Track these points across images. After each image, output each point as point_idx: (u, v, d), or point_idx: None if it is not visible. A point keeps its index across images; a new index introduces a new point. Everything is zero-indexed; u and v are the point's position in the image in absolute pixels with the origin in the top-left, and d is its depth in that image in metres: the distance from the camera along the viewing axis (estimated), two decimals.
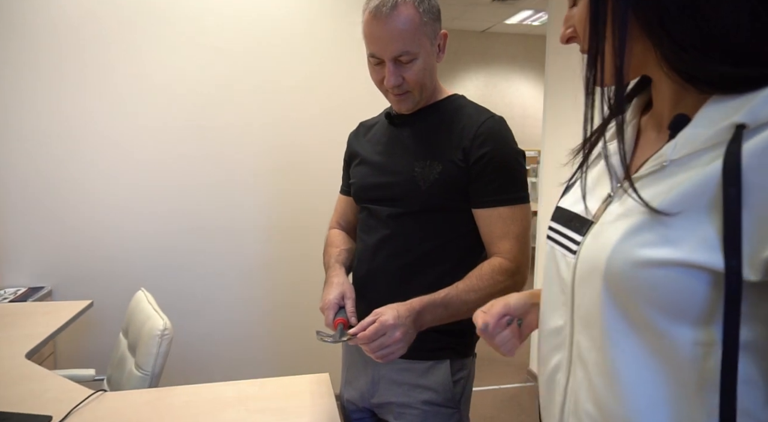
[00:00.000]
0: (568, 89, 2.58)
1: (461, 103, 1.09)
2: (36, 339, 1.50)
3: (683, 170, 0.47)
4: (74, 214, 2.20)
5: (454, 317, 0.96)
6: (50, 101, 2.14)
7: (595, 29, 0.50)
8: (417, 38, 0.97)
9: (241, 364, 2.45)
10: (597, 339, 0.52)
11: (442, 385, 1.05)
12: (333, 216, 1.31)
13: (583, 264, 0.55)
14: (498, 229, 1.00)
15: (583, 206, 0.59)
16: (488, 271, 0.98)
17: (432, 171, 1.01)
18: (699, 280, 0.45)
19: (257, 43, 2.31)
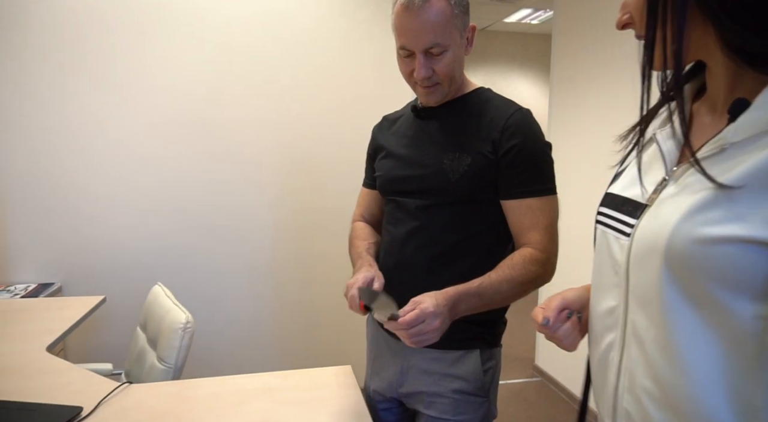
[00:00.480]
0: (574, 87, 2.60)
1: (488, 96, 1.10)
2: (54, 333, 1.50)
3: (744, 152, 0.49)
4: (82, 210, 2.20)
5: (487, 306, 0.98)
6: (56, 98, 2.13)
7: (654, 14, 0.52)
8: (448, 30, 0.98)
9: (255, 359, 2.45)
10: (655, 316, 0.54)
11: (472, 374, 1.07)
12: (356, 209, 1.32)
13: (639, 245, 0.56)
14: (527, 220, 1.01)
15: (635, 191, 0.61)
16: (519, 261, 0.99)
17: (461, 163, 1.02)
18: (761, 256, 0.46)
19: (265, 40, 2.32)
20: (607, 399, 0.62)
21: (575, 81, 2.59)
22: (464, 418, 1.06)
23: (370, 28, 2.40)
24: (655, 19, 0.52)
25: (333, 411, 1.10)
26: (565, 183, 2.73)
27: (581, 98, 2.54)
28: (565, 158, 2.69)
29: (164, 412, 1.09)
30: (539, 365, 2.98)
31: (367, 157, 1.28)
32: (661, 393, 0.54)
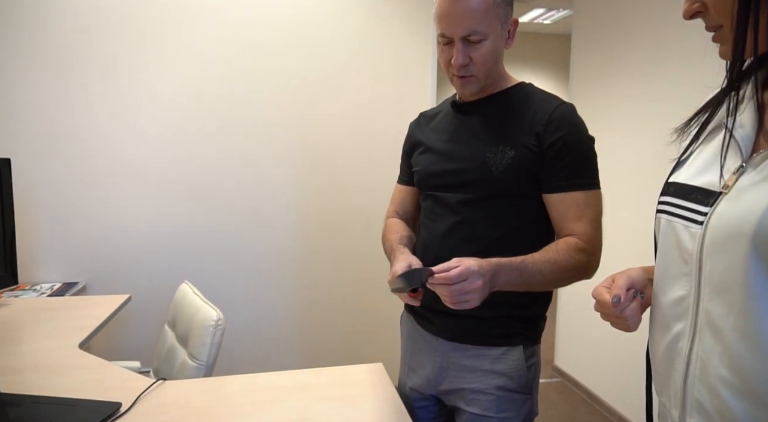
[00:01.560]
0: (594, 89, 2.59)
1: (530, 91, 1.09)
2: (85, 331, 1.51)
3: None
4: (105, 210, 2.21)
5: (527, 284, 0.96)
6: (82, 99, 2.15)
7: (746, 6, 0.51)
8: (488, 19, 0.98)
9: (280, 358, 2.46)
10: (737, 303, 0.53)
11: (516, 371, 1.06)
12: (390, 206, 1.31)
13: (716, 232, 0.56)
14: (572, 213, 1.00)
15: (706, 179, 0.60)
16: (564, 247, 0.98)
17: (504, 156, 1.01)
18: None
19: (284, 40, 2.32)
20: (675, 390, 0.61)
21: (595, 81, 2.58)
22: (507, 415, 1.05)
23: (389, 26, 2.40)
24: (748, 8, 0.51)
25: (371, 408, 1.09)
26: None
27: (602, 99, 2.53)
28: None
29: (201, 408, 1.09)
30: (558, 365, 2.96)
31: (402, 153, 1.28)
32: (740, 382, 0.53)
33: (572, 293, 2.80)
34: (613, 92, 2.43)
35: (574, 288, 2.90)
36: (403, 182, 1.28)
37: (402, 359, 1.26)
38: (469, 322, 1.06)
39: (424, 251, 1.12)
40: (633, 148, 2.29)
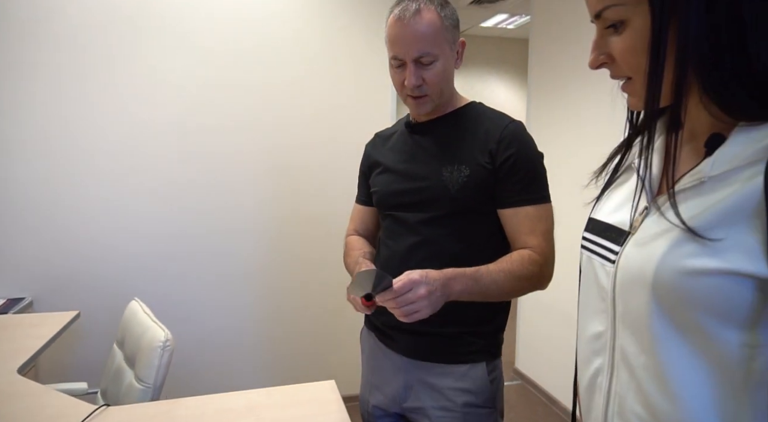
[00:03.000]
0: (551, 92, 2.64)
1: (481, 110, 1.13)
2: (26, 354, 1.45)
3: (722, 186, 0.50)
4: (54, 220, 2.13)
5: (484, 294, 0.98)
6: (34, 109, 2.06)
7: (658, 60, 0.52)
8: (438, 41, 1.01)
9: (239, 371, 2.42)
10: (645, 343, 0.55)
11: (480, 387, 1.08)
12: (349, 225, 1.33)
13: (625, 273, 0.57)
14: (525, 227, 1.03)
15: (618, 218, 0.62)
16: (518, 258, 1.01)
17: (460, 175, 1.04)
18: (745, 287, 0.48)
19: (245, 47, 2.29)
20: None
21: (552, 86, 2.63)
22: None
23: (348, 36, 2.40)
24: (662, 65, 0.52)
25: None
26: None
27: (558, 103, 2.58)
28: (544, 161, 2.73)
29: None
30: (519, 368, 3.02)
31: (360, 174, 1.29)
32: (652, 418, 0.55)
33: (533, 298, 2.86)
34: (570, 95, 2.48)
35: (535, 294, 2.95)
36: (361, 202, 1.29)
37: (363, 375, 1.26)
38: (432, 340, 1.09)
39: (385, 269, 1.10)
40: (589, 147, 2.35)
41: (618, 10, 0.55)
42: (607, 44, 0.58)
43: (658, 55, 0.52)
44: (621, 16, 0.55)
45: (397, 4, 1.04)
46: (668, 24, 0.51)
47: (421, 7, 1.01)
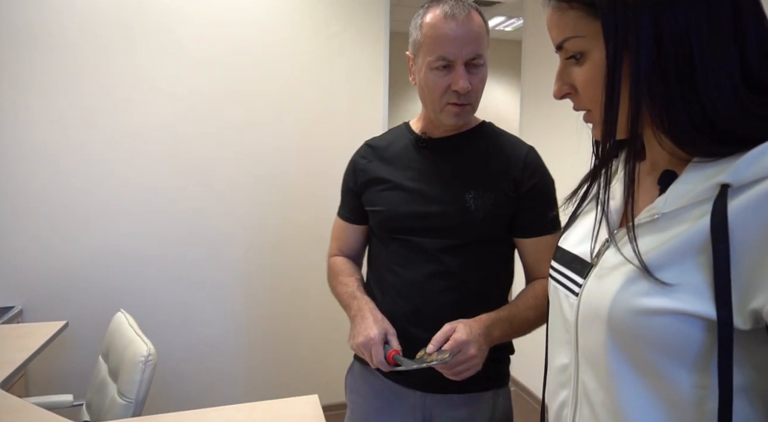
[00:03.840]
0: (545, 93, 2.63)
1: (495, 131, 1.09)
2: (10, 366, 1.44)
3: (675, 223, 0.50)
4: (44, 228, 2.12)
5: (516, 333, 0.99)
6: (28, 115, 2.06)
7: (611, 93, 0.52)
8: (485, 46, 0.98)
9: (226, 378, 2.41)
10: (603, 379, 0.54)
11: (506, 415, 1.07)
12: (333, 243, 1.22)
13: (585, 307, 0.57)
14: (546, 255, 0.98)
15: (582, 249, 0.61)
16: (541, 290, 0.99)
17: (486, 201, 0.99)
18: (694, 327, 0.47)
19: (243, 52, 2.28)
20: None
21: (545, 91, 2.62)
22: None
23: (341, 42, 2.39)
24: (617, 97, 0.52)
25: None
26: None
27: (551, 107, 2.57)
28: None
29: None
30: (514, 375, 3.01)
31: (346, 189, 1.18)
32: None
33: None
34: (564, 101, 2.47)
35: None
36: (346, 219, 1.18)
37: (358, 417, 1.14)
38: None
39: (400, 298, 1.04)
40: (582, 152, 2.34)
41: (578, 42, 0.55)
42: (570, 75, 0.58)
43: (613, 88, 0.52)
44: (581, 48, 0.55)
45: (438, 3, 0.97)
46: (622, 58, 0.51)
47: (469, 8, 0.96)
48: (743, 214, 0.45)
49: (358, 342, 0.92)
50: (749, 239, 0.44)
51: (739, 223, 0.45)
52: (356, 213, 1.15)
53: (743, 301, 0.45)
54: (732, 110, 0.47)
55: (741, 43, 0.47)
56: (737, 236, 0.45)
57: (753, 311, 0.45)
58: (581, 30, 0.54)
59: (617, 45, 0.50)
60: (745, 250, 0.45)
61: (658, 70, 0.49)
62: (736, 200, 0.46)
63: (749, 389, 0.48)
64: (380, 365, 0.91)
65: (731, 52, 0.47)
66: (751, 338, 0.46)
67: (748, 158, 0.46)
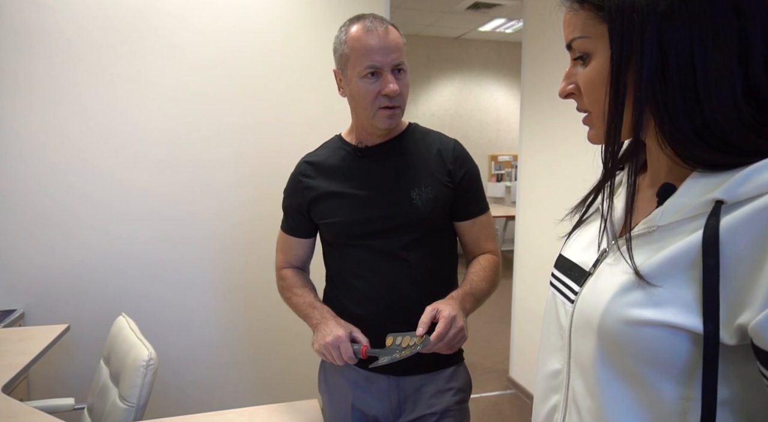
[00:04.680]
0: (544, 95, 2.64)
1: (422, 130, 1.20)
2: (12, 370, 1.45)
3: (670, 236, 0.51)
4: (46, 232, 2.13)
5: (479, 304, 1.10)
6: (26, 118, 2.07)
7: (618, 97, 0.53)
8: (405, 55, 1.08)
9: (224, 387, 2.42)
10: (591, 386, 0.55)
11: (467, 383, 1.21)
12: (279, 255, 1.30)
13: (579, 315, 0.58)
14: (483, 234, 1.18)
15: (582, 257, 0.62)
16: (487, 265, 1.15)
17: (430, 195, 1.10)
18: (681, 340, 0.48)
19: (242, 55, 2.29)
20: None
21: (545, 89, 2.63)
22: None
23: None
24: (621, 101, 0.53)
25: None
26: (534, 195, 2.78)
27: (551, 108, 2.57)
28: (536, 165, 2.72)
29: None
30: (513, 377, 3.01)
31: (291, 205, 1.24)
32: None
33: (527, 307, 2.85)
34: (564, 103, 2.47)
35: (528, 302, 2.92)
36: (291, 233, 1.26)
37: (339, 408, 1.21)
38: (422, 354, 1.11)
39: (370, 300, 1.12)
40: (581, 155, 2.34)
41: (584, 42, 0.56)
42: (576, 75, 0.58)
43: (617, 91, 0.52)
44: (587, 48, 0.56)
45: (354, 21, 1.08)
46: (628, 62, 0.51)
47: (384, 21, 1.07)
48: (734, 231, 0.45)
49: (327, 341, 1.02)
50: (739, 256, 0.45)
51: (730, 239, 0.45)
52: (302, 228, 1.25)
53: (731, 316, 0.45)
54: (731, 122, 0.48)
55: (745, 59, 0.48)
56: (727, 252, 0.45)
57: (739, 326, 0.45)
58: (589, 31, 0.55)
59: (622, 49, 0.51)
60: (735, 266, 0.45)
61: (660, 76, 0.50)
62: (728, 217, 0.46)
63: (733, 403, 0.48)
64: (350, 360, 1.01)
65: (733, 67, 0.48)
66: (737, 353, 0.47)
67: (741, 177, 0.46)
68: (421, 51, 6.11)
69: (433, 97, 6.21)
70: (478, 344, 3.55)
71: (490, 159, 6.56)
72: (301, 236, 1.26)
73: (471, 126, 6.42)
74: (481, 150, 6.47)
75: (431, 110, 6.19)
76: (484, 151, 6.51)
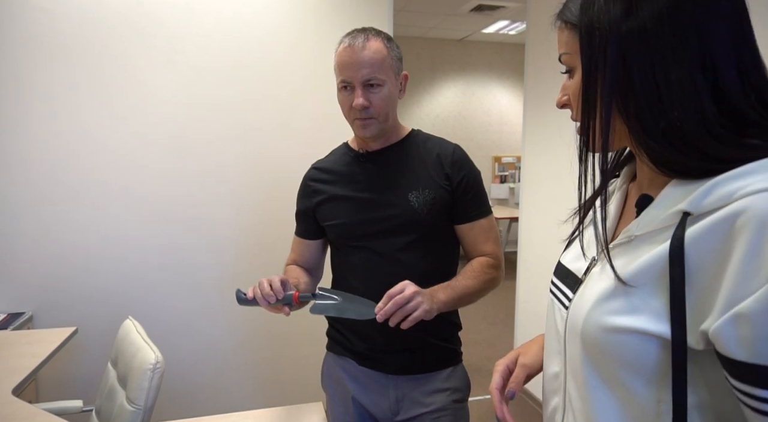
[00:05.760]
0: (547, 96, 2.64)
1: (424, 136, 1.24)
2: (22, 373, 1.48)
3: (645, 245, 0.53)
4: (54, 235, 2.16)
5: (461, 299, 1.11)
6: (32, 122, 2.10)
7: (587, 105, 0.56)
8: (384, 68, 1.11)
9: (230, 389, 2.44)
10: (581, 389, 0.58)
11: (465, 384, 1.24)
12: (290, 255, 1.37)
13: (570, 321, 0.61)
14: (481, 237, 1.19)
15: (577, 265, 0.64)
16: (478, 265, 1.17)
17: (426, 198, 1.14)
18: (653, 345, 0.51)
19: (246, 61, 2.31)
20: None
21: (548, 91, 2.63)
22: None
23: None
24: (588, 111, 0.56)
25: None
26: (538, 198, 2.78)
27: (554, 110, 2.58)
28: (539, 167, 2.73)
29: None
30: None
31: (299, 209, 1.32)
32: None
33: (530, 309, 2.86)
34: None
35: (531, 304, 2.92)
36: (301, 235, 1.33)
37: (340, 399, 1.27)
38: (421, 354, 1.19)
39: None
40: None
41: (568, 57, 0.60)
42: (567, 87, 0.62)
43: (587, 102, 0.56)
44: (570, 63, 0.60)
45: (346, 36, 1.14)
46: (595, 76, 0.54)
47: (369, 37, 1.11)
48: (697, 241, 0.48)
49: (260, 280, 1.05)
50: (701, 266, 0.47)
51: (694, 249, 0.48)
52: (310, 230, 1.30)
53: (696, 322, 0.48)
54: (697, 129, 0.50)
55: (712, 71, 0.50)
56: (691, 261, 0.48)
57: (703, 332, 0.48)
58: (570, 47, 0.59)
59: (590, 64, 0.55)
60: (698, 275, 0.48)
61: (627, 87, 0.53)
62: (692, 228, 0.48)
63: (705, 406, 0.51)
64: (276, 293, 1.02)
65: (696, 79, 0.50)
66: (704, 358, 0.49)
67: (704, 189, 0.49)
68: (425, 53, 6.13)
69: (437, 99, 6.22)
70: (480, 346, 3.56)
71: (493, 161, 6.56)
72: (308, 237, 1.31)
73: (474, 128, 6.43)
74: (484, 152, 6.47)
75: (435, 112, 6.20)
76: (488, 152, 6.52)
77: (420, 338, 1.16)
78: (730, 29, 0.50)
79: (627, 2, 0.52)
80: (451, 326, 1.25)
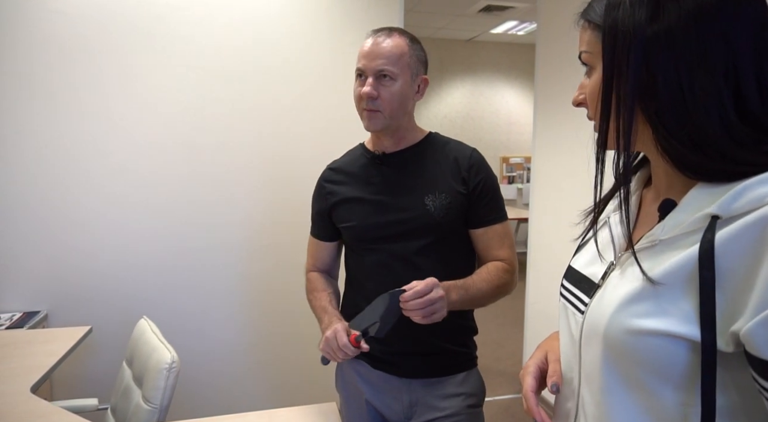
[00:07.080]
0: (558, 97, 2.64)
1: (442, 139, 1.23)
2: (39, 371, 1.49)
3: (671, 249, 0.53)
4: (68, 235, 2.18)
5: (472, 301, 1.10)
6: (47, 122, 2.12)
7: (607, 106, 0.56)
8: (400, 63, 1.11)
9: (243, 389, 2.45)
10: (596, 394, 0.58)
11: (480, 388, 1.22)
12: (308, 260, 1.36)
13: (588, 326, 0.60)
14: (495, 242, 1.18)
15: (591, 270, 0.64)
16: (493, 269, 1.15)
17: (443, 202, 1.13)
18: (681, 348, 0.51)
19: (260, 61, 2.32)
20: None
21: (558, 91, 2.63)
22: None
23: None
24: (608, 111, 0.55)
25: None
26: (548, 199, 2.78)
27: (565, 111, 2.58)
28: (550, 167, 2.73)
29: None
30: None
31: (318, 210, 1.31)
32: None
33: (540, 310, 2.85)
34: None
35: (541, 306, 2.91)
36: (318, 237, 1.33)
37: (354, 402, 1.27)
38: (437, 358, 1.18)
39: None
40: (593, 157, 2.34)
41: (588, 56, 0.60)
42: (585, 86, 0.62)
43: (606, 103, 0.56)
44: (590, 62, 0.60)
45: (373, 31, 1.16)
46: (618, 78, 0.55)
47: (393, 33, 1.13)
48: (727, 244, 0.48)
49: (326, 335, 1.05)
50: (732, 268, 0.48)
51: (724, 253, 0.48)
52: (326, 232, 1.30)
53: (726, 325, 0.48)
54: (721, 136, 0.51)
55: (734, 80, 0.50)
56: (722, 264, 0.48)
57: (733, 334, 0.48)
58: (591, 47, 0.59)
59: (612, 66, 0.55)
60: (729, 278, 0.48)
61: (650, 91, 0.53)
62: (722, 231, 0.49)
63: (733, 409, 0.51)
64: (345, 348, 1.01)
65: (720, 87, 0.50)
66: (734, 360, 0.49)
67: (734, 193, 0.49)
68: (433, 54, 6.12)
69: (445, 100, 6.22)
70: (491, 347, 3.56)
71: (501, 161, 6.55)
72: (324, 239, 1.31)
73: (482, 128, 6.42)
74: (492, 152, 6.46)
75: (443, 112, 6.20)
76: (496, 153, 6.50)
77: (435, 342, 1.16)
78: (753, 36, 0.50)
79: (653, 6, 0.52)
80: (466, 330, 1.24)
